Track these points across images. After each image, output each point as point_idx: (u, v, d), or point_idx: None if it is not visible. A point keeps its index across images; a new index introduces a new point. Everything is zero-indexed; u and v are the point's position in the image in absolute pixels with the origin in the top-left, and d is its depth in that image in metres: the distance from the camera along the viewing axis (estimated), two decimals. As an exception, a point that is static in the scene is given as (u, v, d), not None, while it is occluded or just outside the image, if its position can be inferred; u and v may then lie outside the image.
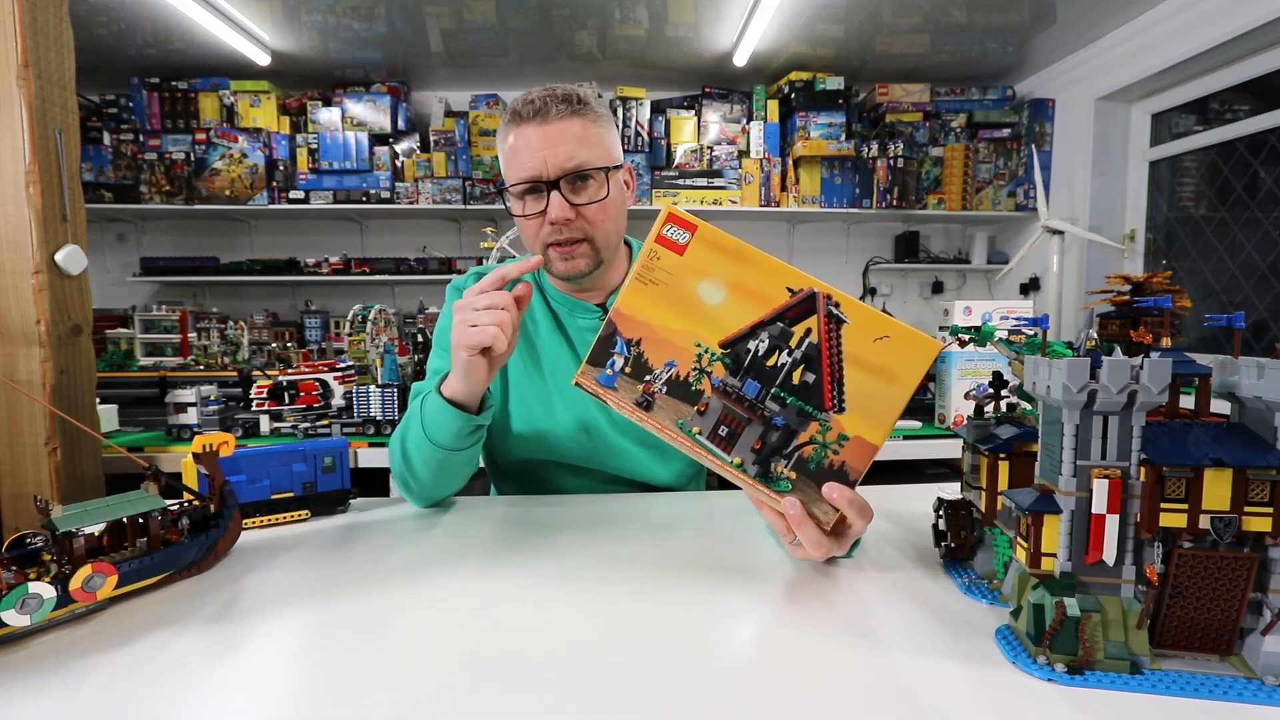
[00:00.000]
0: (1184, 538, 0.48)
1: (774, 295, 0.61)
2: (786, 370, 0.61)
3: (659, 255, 0.63)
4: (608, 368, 0.64)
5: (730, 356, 0.62)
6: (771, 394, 0.61)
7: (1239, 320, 0.52)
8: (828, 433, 0.61)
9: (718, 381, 0.62)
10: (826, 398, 0.61)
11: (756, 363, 0.62)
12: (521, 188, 0.89)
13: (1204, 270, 2.85)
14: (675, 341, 0.63)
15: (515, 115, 0.89)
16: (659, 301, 0.63)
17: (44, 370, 1.14)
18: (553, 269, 0.94)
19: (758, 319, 0.61)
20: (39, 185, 1.12)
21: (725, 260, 0.62)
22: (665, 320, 0.63)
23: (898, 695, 0.47)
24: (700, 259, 0.62)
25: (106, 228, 3.62)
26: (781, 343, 0.61)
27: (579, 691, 0.48)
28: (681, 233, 0.63)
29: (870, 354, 0.60)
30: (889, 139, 3.43)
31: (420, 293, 3.64)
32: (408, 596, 0.64)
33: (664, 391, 0.63)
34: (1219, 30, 2.45)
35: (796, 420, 0.61)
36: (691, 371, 0.63)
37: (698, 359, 0.62)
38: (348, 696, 0.47)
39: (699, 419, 0.63)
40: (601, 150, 0.90)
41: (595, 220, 0.91)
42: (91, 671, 0.51)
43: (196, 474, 0.80)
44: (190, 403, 1.73)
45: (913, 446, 1.85)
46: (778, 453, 0.62)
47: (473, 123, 3.42)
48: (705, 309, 0.62)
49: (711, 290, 0.62)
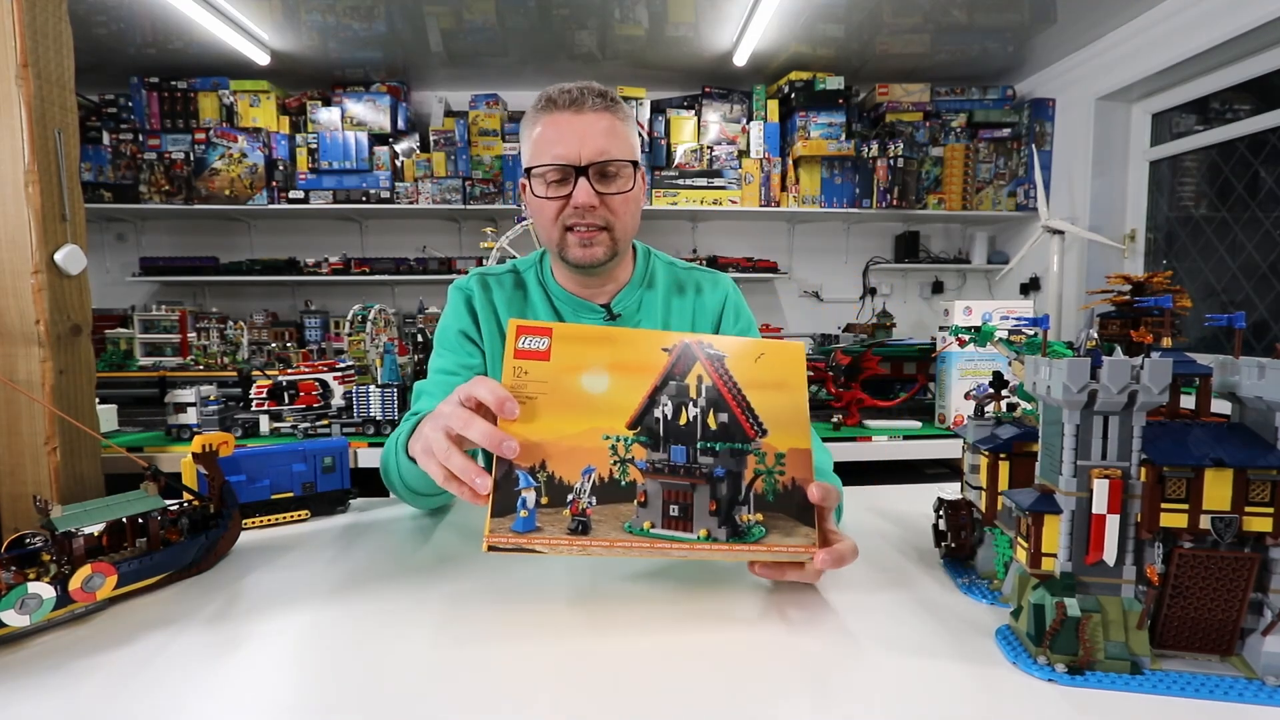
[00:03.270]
0: (1184, 538, 0.48)
1: (654, 361, 0.61)
2: (700, 420, 0.60)
3: (525, 370, 0.60)
4: (520, 510, 0.57)
5: (643, 433, 0.60)
6: (700, 449, 0.60)
7: (1239, 320, 0.52)
8: (765, 459, 0.61)
9: (644, 464, 0.59)
10: (747, 428, 0.61)
11: (670, 427, 0.60)
12: (550, 171, 0.90)
13: (1204, 270, 2.85)
14: (583, 445, 0.59)
15: (550, 103, 0.91)
16: (545, 414, 0.59)
17: (43, 370, 1.14)
18: (569, 255, 0.94)
19: (651, 387, 0.60)
20: (38, 185, 1.12)
21: (594, 347, 0.61)
22: (561, 429, 0.59)
23: (898, 695, 0.47)
24: (569, 355, 0.60)
25: (106, 228, 3.62)
26: (683, 398, 0.61)
27: (578, 685, 0.48)
28: (538, 340, 0.61)
29: (758, 374, 0.62)
30: (889, 139, 3.43)
31: (420, 293, 3.64)
32: (407, 596, 0.64)
33: (594, 504, 0.58)
34: (1219, 30, 2.45)
35: (733, 462, 0.60)
36: (614, 467, 0.59)
37: (613, 450, 0.59)
38: (347, 696, 0.47)
39: (644, 511, 0.58)
40: (628, 146, 0.94)
41: (618, 211, 0.93)
42: (91, 671, 0.51)
43: (196, 474, 0.80)
44: (190, 403, 1.73)
45: (913, 446, 1.85)
46: (734, 503, 0.60)
47: (472, 123, 3.42)
48: (596, 400, 0.60)
49: (594, 380, 0.60)
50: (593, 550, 0.57)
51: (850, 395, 1.92)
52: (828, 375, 1.97)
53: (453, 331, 1.01)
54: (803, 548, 0.59)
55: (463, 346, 1.00)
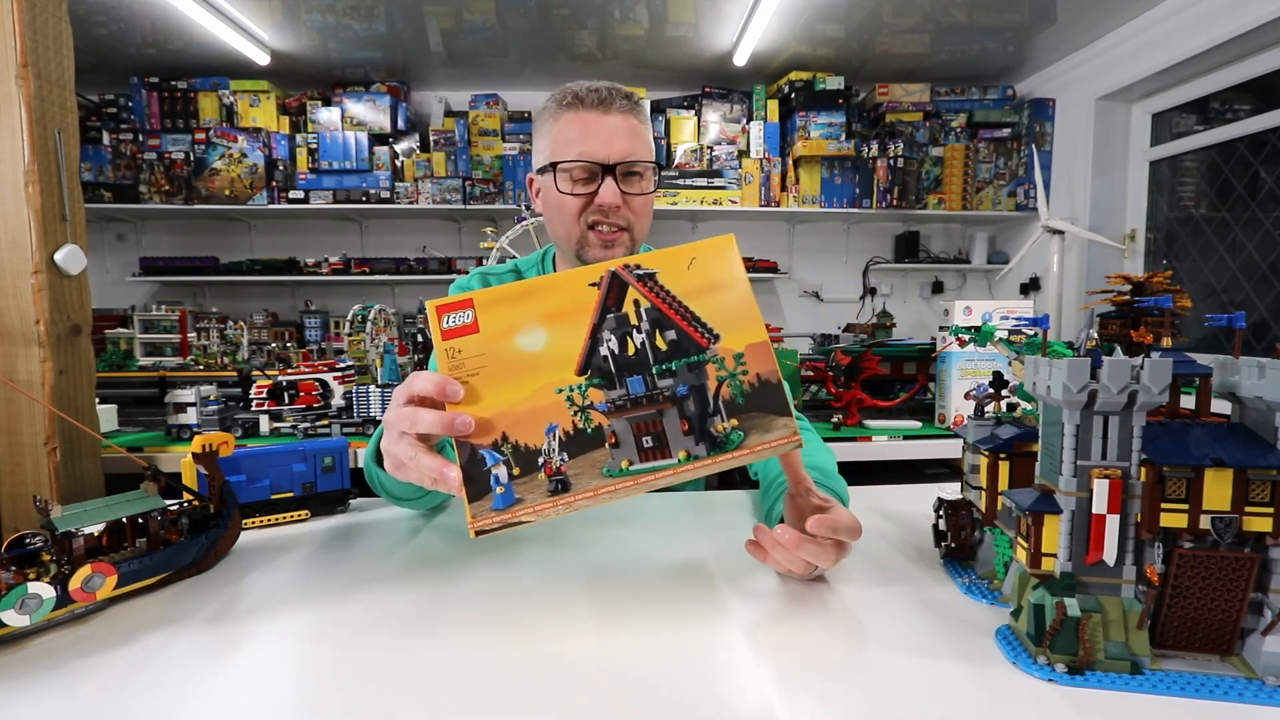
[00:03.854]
0: (1184, 538, 0.48)
1: (585, 299, 0.59)
2: (649, 345, 0.58)
3: (457, 349, 0.58)
4: (494, 487, 0.55)
5: (595, 375, 0.58)
6: (655, 373, 0.58)
7: (1239, 320, 0.52)
8: (725, 363, 0.58)
9: (604, 405, 0.57)
10: (697, 338, 0.59)
11: (621, 361, 0.58)
12: (578, 168, 0.91)
13: (1204, 270, 2.85)
14: (538, 405, 0.57)
15: (577, 100, 0.91)
16: (490, 386, 0.57)
17: (43, 370, 1.14)
18: (589, 254, 0.95)
19: (590, 326, 0.58)
20: (38, 185, 1.12)
21: (519, 305, 0.59)
22: (511, 395, 0.57)
23: (898, 695, 0.47)
24: (496, 320, 0.58)
25: (106, 227, 3.62)
26: (625, 328, 0.59)
27: (578, 685, 0.47)
28: (462, 314, 0.59)
29: (693, 280, 0.60)
30: (889, 139, 3.43)
31: (420, 293, 3.64)
32: (407, 597, 0.64)
33: (567, 459, 0.56)
34: (1219, 30, 2.45)
35: (693, 376, 0.58)
36: (575, 418, 0.57)
37: (570, 401, 0.57)
38: (347, 696, 0.47)
39: (618, 453, 0.57)
40: (649, 150, 0.96)
41: (638, 212, 0.95)
42: (91, 671, 0.51)
43: (196, 474, 0.80)
44: (190, 403, 1.73)
45: (913, 446, 1.85)
46: (705, 415, 0.58)
47: (472, 123, 3.42)
48: (538, 357, 0.58)
49: (530, 338, 0.58)
50: (579, 504, 0.55)
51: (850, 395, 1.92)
52: (828, 375, 1.97)
53: None
54: (784, 439, 0.57)
55: None
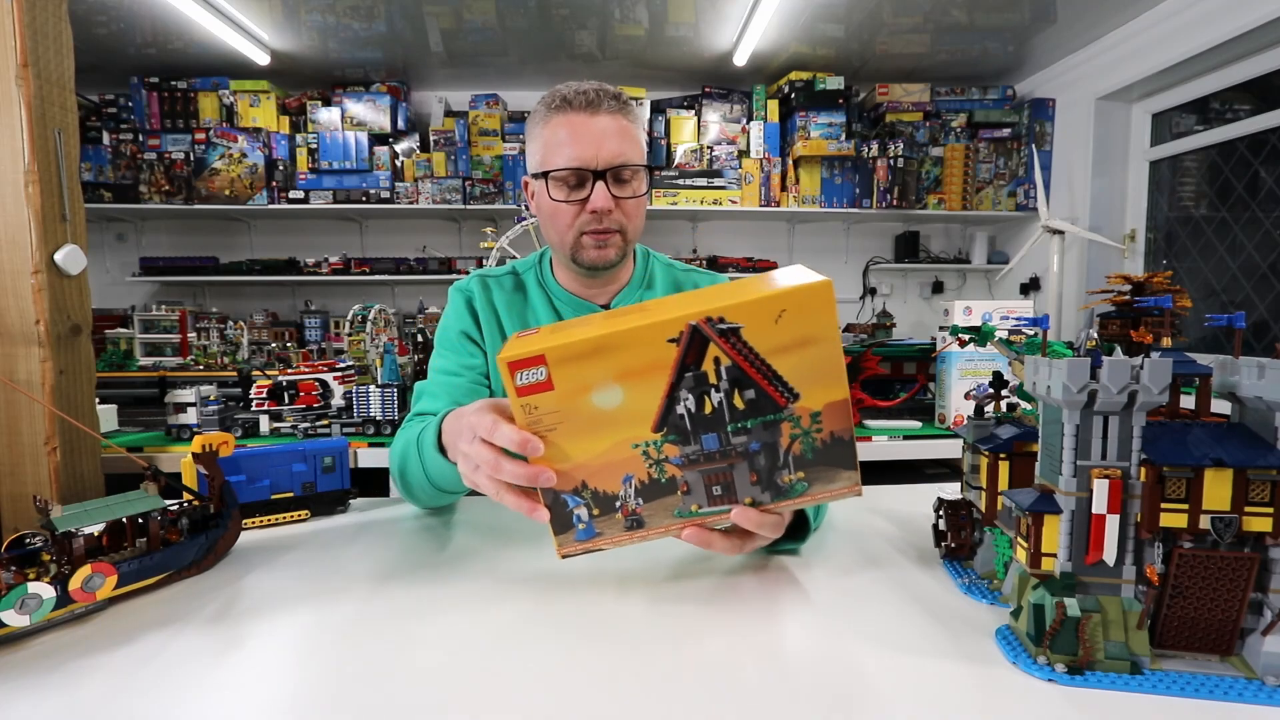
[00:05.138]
0: (1184, 538, 0.48)
1: (662, 356, 0.56)
2: (726, 404, 0.57)
3: (534, 405, 0.57)
4: (576, 524, 0.60)
5: (671, 432, 0.58)
6: (731, 430, 0.58)
7: (1239, 320, 0.52)
8: (800, 421, 0.58)
9: (678, 459, 0.59)
10: (776, 398, 0.57)
11: (697, 419, 0.58)
12: (569, 175, 0.90)
13: (1204, 270, 2.85)
14: (615, 458, 0.58)
15: (565, 102, 0.90)
16: (568, 438, 0.58)
17: (43, 370, 1.14)
18: (583, 257, 0.95)
19: (667, 386, 0.57)
20: (38, 185, 1.12)
21: (594, 362, 0.56)
22: (589, 449, 0.58)
23: (898, 695, 0.47)
24: (571, 377, 0.56)
25: (106, 228, 3.62)
26: (703, 387, 0.57)
27: (577, 687, 0.47)
28: (534, 372, 0.57)
29: (780, 335, 0.56)
30: (889, 139, 3.43)
31: (420, 293, 3.64)
32: (407, 596, 0.64)
33: (641, 504, 0.59)
34: (1219, 30, 2.45)
35: (767, 434, 0.58)
36: (650, 469, 0.59)
37: (645, 455, 0.58)
38: (347, 696, 0.47)
39: (689, 498, 0.60)
40: (640, 150, 0.94)
41: (631, 214, 0.94)
42: (91, 671, 0.51)
43: (196, 474, 0.80)
44: (190, 403, 1.73)
45: (913, 446, 1.85)
46: (774, 469, 0.59)
47: (472, 122, 3.42)
48: (614, 414, 0.57)
49: (605, 395, 0.57)
50: (651, 537, 0.61)
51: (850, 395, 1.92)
52: (828, 375, 1.97)
53: (454, 332, 1.01)
54: (846, 489, 0.59)
55: (464, 346, 1.00)
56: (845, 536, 0.80)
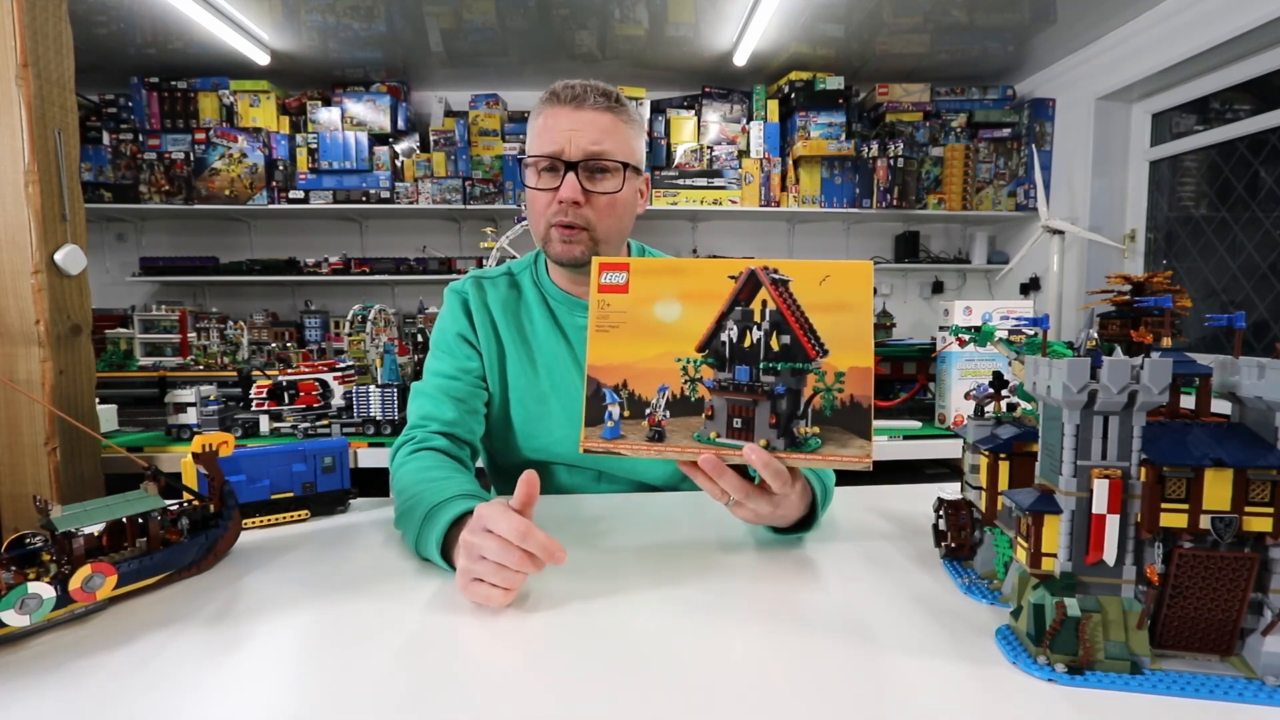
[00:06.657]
0: (1184, 538, 0.48)
1: (721, 289, 0.66)
2: (763, 343, 0.65)
3: (608, 302, 0.68)
4: (607, 420, 0.67)
5: (711, 355, 0.66)
6: (762, 369, 0.65)
7: (1239, 320, 0.52)
8: (825, 377, 0.64)
9: (711, 382, 0.66)
10: (808, 349, 0.64)
11: (736, 349, 0.66)
12: (542, 162, 0.91)
13: (1204, 270, 2.84)
14: (657, 367, 0.66)
15: (553, 96, 0.92)
16: (625, 340, 0.67)
17: (43, 370, 1.14)
18: (552, 250, 0.95)
19: (719, 313, 0.66)
20: (38, 185, 1.12)
21: (666, 279, 0.68)
22: (639, 353, 0.67)
23: (898, 695, 0.47)
24: (644, 287, 0.68)
25: (106, 228, 3.62)
26: (748, 322, 0.65)
27: (577, 689, 0.47)
28: (618, 274, 0.68)
29: (821, 296, 0.65)
30: (889, 139, 3.43)
31: (420, 293, 3.64)
32: (407, 597, 0.64)
33: (668, 416, 0.66)
34: (1219, 30, 2.45)
35: (794, 380, 0.65)
36: (684, 385, 0.66)
37: (684, 371, 0.66)
38: (347, 696, 0.47)
39: (710, 424, 0.65)
40: (625, 148, 0.93)
41: (602, 212, 0.92)
42: (91, 671, 0.51)
43: (196, 474, 0.80)
44: (190, 403, 1.73)
45: (913, 446, 1.84)
46: (793, 417, 0.64)
47: (472, 123, 3.42)
48: (669, 327, 0.67)
49: (667, 309, 0.67)
50: (668, 455, 0.65)
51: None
52: (828, 375, 1.97)
53: (450, 334, 1.01)
54: (856, 458, 0.63)
55: (460, 349, 1.00)
56: (846, 536, 0.80)
